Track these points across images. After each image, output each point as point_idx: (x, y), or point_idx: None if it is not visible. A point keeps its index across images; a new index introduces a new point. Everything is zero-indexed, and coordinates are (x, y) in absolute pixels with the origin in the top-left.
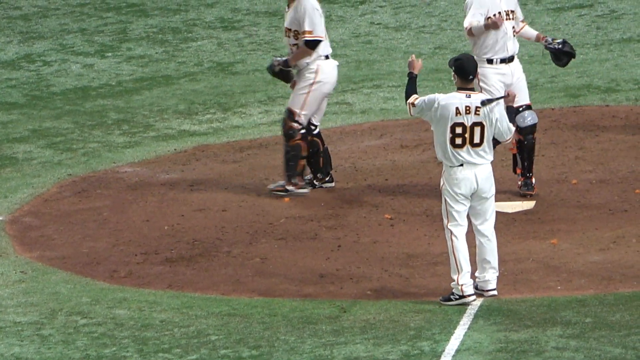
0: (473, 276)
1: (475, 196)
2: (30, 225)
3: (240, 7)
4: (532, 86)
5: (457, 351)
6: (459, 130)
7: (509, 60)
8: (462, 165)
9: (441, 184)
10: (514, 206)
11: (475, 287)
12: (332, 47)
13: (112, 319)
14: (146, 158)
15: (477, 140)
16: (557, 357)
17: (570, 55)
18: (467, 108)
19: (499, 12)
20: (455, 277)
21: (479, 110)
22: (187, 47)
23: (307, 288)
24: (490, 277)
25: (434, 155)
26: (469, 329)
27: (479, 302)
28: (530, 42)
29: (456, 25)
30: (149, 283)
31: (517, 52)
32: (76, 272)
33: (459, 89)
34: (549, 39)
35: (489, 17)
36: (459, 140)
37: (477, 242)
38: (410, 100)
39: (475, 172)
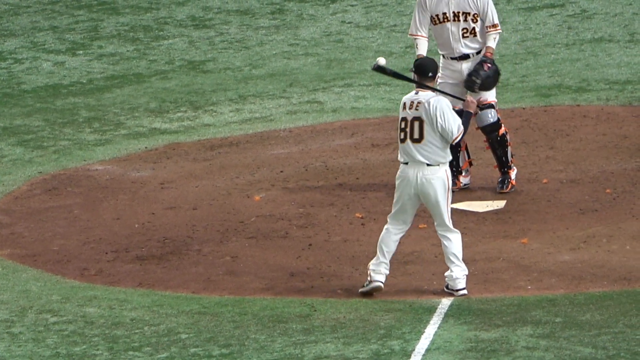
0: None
1: (422, 198)
2: (1, 223)
3: (211, 6)
4: (503, 85)
5: (427, 350)
6: (402, 124)
7: (459, 58)
8: (407, 163)
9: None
10: (484, 205)
11: (446, 287)
12: (303, 46)
13: (83, 317)
14: (117, 156)
15: (416, 135)
16: (527, 356)
17: (472, 80)
18: (412, 103)
19: (444, 13)
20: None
21: (419, 106)
22: (159, 45)
23: (277, 287)
24: (458, 275)
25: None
26: (439, 328)
27: (449, 301)
28: (501, 42)
29: None
30: (119, 281)
31: (473, 51)
32: (46, 269)
33: (416, 86)
34: (484, 64)
35: (435, 16)
36: (402, 135)
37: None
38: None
39: (417, 173)
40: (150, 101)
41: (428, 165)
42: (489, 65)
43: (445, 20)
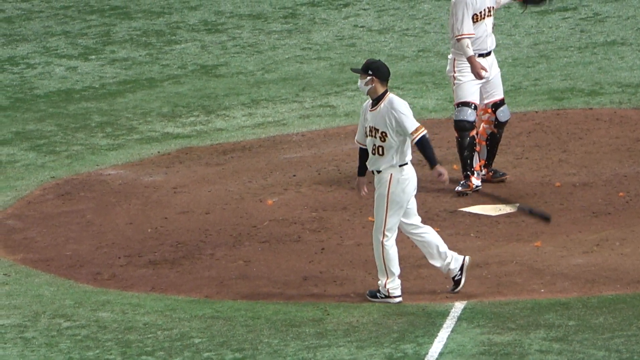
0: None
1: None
2: (14, 228)
3: (223, 10)
4: (516, 89)
5: (441, 354)
6: None
7: (486, 54)
8: (407, 163)
9: (388, 190)
10: (497, 209)
11: (453, 277)
12: (316, 50)
13: (96, 321)
14: (130, 161)
15: None
16: None
17: None
18: None
19: (487, 8)
20: (383, 280)
21: None
22: (171, 50)
23: (290, 291)
24: (450, 259)
25: (419, 158)
26: (452, 331)
27: (462, 304)
28: (514, 45)
29: (440, 28)
30: (132, 285)
31: (494, 47)
32: (59, 274)
33: (386, 91)
34: None
35: (479, 13)
36: None
37: (417, 240)
38: (421, 132)
39: (413, 170)
40: (162, 106)
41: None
42: None
43: (487, 15)
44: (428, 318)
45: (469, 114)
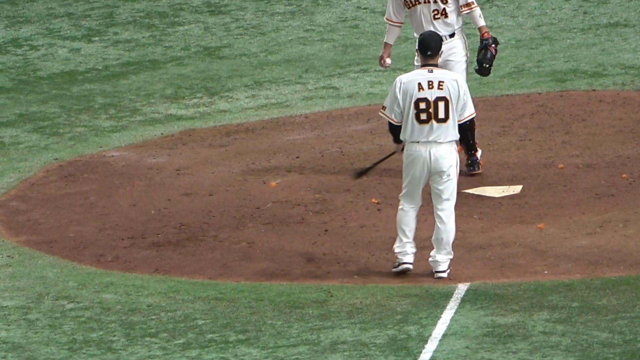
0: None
1: (432, 175)
2: (17, 210)
3: None
4: (518, 71)
5: (444, 335)
6: (422, 105)
7: None
8: (418, 142)
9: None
10: (500, 190)
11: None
12: (319, 32)
13: (99, 303)
14: (133, 142)
15: (441, 115)
16: (543, 341)
17: (485, 68)
18: (430, 83)
19: None
20: (396, 244)
21: (442, 85)
22: (174, 32)
23: (293, 272)
24: (440, 259)
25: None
26: (455, 313)
27: (465, 286)
28: (517, 27)
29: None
30: (135, 267)
31: (446, 34)
32: (63, 256)
33: (422, 66)
34: (489, 41)
35: (406, 0)
36: (423, 116)
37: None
38: (382, 111)
39: (430, 150)
40: (166, 87)
41: (441, 142)
42: (494, 45)
43: (417, 2)
44: (431, 300)
45: None
